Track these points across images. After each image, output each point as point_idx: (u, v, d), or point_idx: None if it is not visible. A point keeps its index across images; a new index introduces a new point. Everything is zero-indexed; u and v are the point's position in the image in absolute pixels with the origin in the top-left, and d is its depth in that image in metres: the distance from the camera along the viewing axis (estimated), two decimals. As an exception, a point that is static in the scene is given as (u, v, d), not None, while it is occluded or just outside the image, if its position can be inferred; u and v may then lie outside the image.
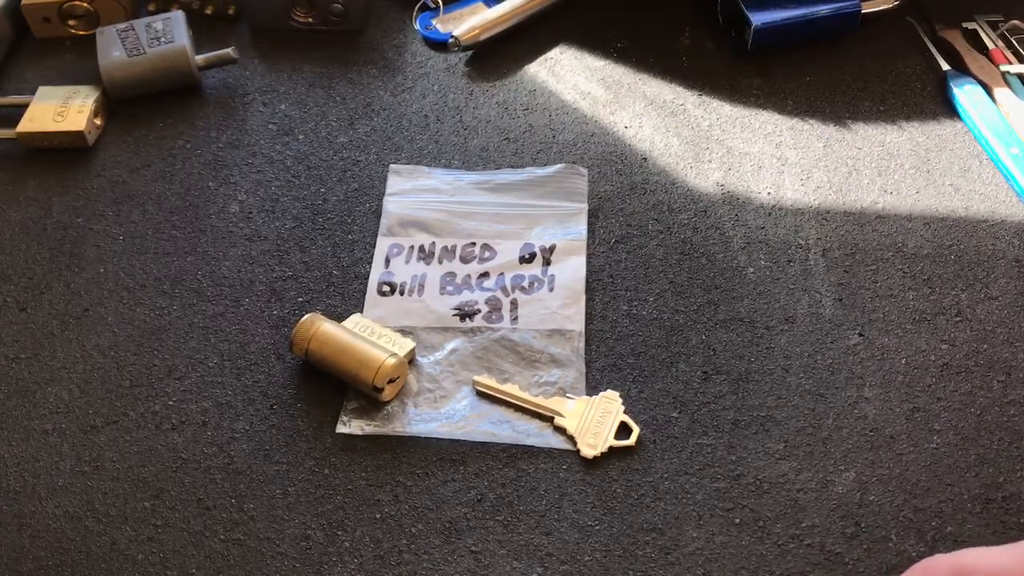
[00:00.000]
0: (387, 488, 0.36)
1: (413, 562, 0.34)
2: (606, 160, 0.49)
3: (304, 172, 0.49)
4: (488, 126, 0.51)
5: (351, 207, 0.47)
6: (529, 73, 0.55)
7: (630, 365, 0.40)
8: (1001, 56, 0.54)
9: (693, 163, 0.49)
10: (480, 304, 0.42)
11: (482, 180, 0.48)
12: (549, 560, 0.34)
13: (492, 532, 0.35)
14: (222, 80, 0.54)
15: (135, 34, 0.52)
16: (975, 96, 0.51)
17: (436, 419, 0.38)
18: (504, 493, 0.36)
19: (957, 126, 0.51)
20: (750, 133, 0.51)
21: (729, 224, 0.46)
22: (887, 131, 0.51)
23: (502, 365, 0.40)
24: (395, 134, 0.51)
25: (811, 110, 0.52)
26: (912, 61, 0.55)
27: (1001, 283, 0.43)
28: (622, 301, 0.43)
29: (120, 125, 0.51)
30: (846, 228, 0.46)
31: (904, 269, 0.44)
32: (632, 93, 0.53)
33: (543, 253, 0.44)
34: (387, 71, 0.55)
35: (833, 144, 0.50)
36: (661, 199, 0.47)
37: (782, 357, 0.40)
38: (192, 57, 0.52)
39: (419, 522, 0.35)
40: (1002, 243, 0.45)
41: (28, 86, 0.52)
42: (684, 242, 0.45)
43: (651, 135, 0.51)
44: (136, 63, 0.51)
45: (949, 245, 0.45)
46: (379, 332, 0.40)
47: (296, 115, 0.52)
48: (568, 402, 0.38)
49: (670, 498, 0.35)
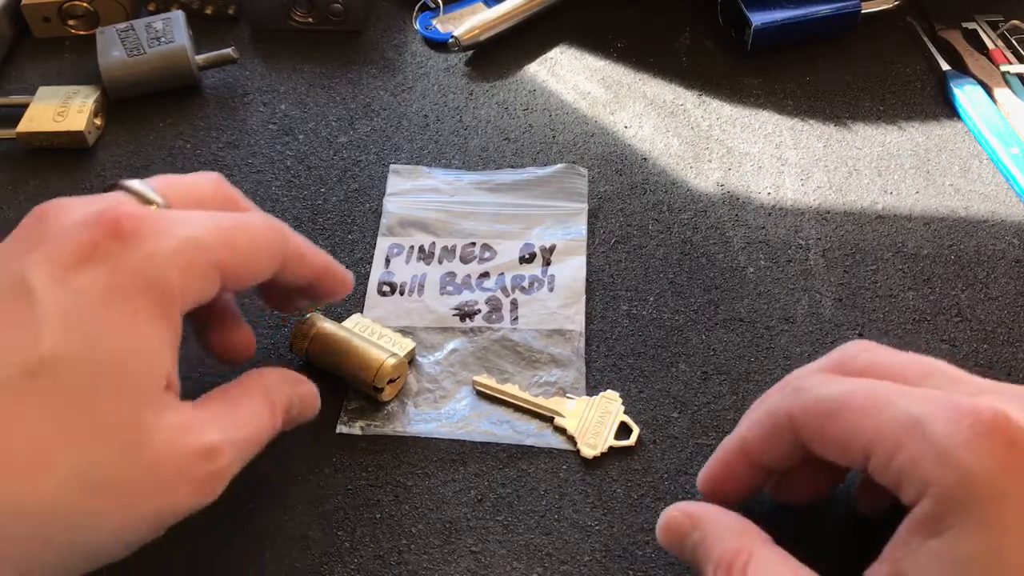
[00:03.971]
0: (387, 488, 0.36)
1: (413, 562, 0.34)
2: (606, 160, 0.49)
3: (304, 172, 0.49)
4: (488, 126, 0.51)
5: (351, 207, 0.47)
6: (529, 73, 0.55)
7: (630, 365, 0.40)
8: (1001, 56, 0.54)
9: (693, 163, 0.49)
10: (480, 304, 0.42)
11: (482, 180, 0.48)
12: (549, 560, 0.34)
13: (492, 532, 0.35)
14: (222, 80, 0.54)
15: (135, 34, 0.52)
16: (975, 96, 0.51)
17: (436, 419, 0.38)
18: (504, 493, 0.36)
19: (957, 126, 0.51)
20: (750, 133, 0.51)
21: (729, 224, 0.46)
22: (887, 131, 0.51)
23: (502, 365, 0.40)
24: (395, 134, 0.51)
25: (811, 110, 0.52)
26: (912, 61, 0.55)
27: (1001, 283, 0.43)
28: (622, 301, 0.43)
29: (120, 125, 0.51)
30: (846, 228, 0.46)
31: (904, 269, 0.44)
32: (632, 93, 0.54)
33: (543, 253, 0.44)
34: (387, 71, 0.55)
35: (833, 144, 0.50)
36: (661, 199, 0.47)
37: (782, 357, 0.40)
38: (192, 57, 0.52)
39: (419, 522, 0.35)
40: (1002, 243, 0.45)
41: (28, 86, 0.52)
42: (684, 242, 0.45)
43: (651, 135, 0.51)
44: (136, 63, 0.51)
45: (949, 245, 0.45)
46: (379, 332, 0.40)
47: (296, 115, 0.52)
48: (568, 402, 0.38)
49: (670, 498, 0.35)
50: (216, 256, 0.29)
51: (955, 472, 0.24)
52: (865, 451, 0.27)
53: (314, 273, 0.35)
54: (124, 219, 0.27)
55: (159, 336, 0.27)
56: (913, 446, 0.25)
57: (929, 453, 0.25)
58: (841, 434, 0.27)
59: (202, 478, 0.28)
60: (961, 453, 0.24)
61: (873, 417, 0.26)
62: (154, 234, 0.28)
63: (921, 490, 0.25)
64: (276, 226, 0.33)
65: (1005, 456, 0.24)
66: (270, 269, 0.32)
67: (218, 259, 0.29)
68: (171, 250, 0.28)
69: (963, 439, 0.24)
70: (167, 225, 0.28)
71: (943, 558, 0.24)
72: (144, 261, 0.27)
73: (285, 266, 0.33)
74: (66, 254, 0.26)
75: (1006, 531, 0.23)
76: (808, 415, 0.28)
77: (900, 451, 0.25)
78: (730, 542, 0.28)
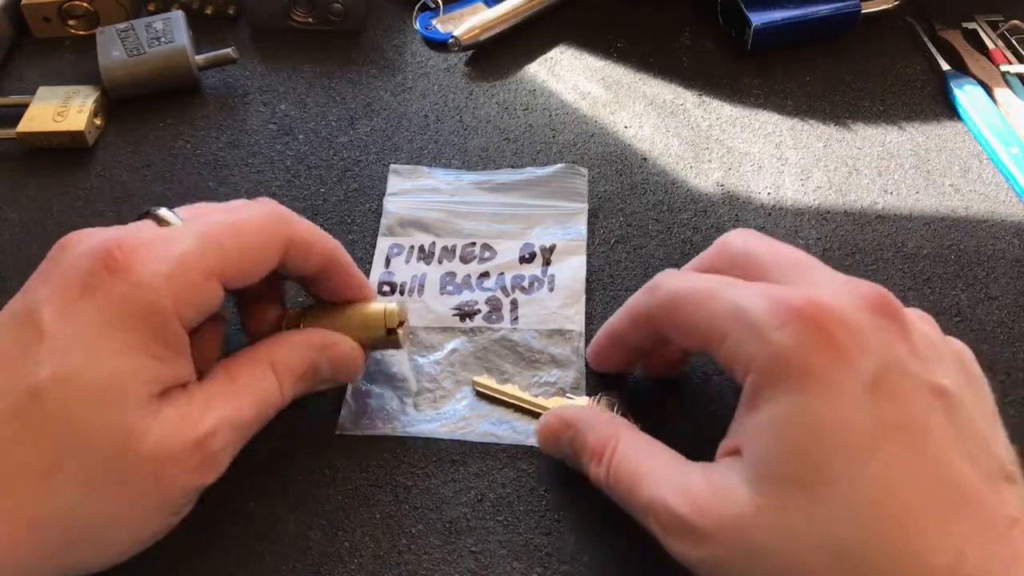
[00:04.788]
0: (387, 488, 0.36)
1: (413, 562, 0.34)
2: (606, 160, 0.49)
3: (304, 172, 0.49)
4: (488, 126, 0.51)
5: (351, 207, 0.47)
6: (529, 73, 0.55)
7: (630, 365, 0.40)
8: (1001, 56, 0.54)
9: (693, 163, 0.49)
10: (480, 304, 0.42)
11: (482, 180, 0.48)
12: (549, 560, 0.34)
13: (492, 532, 0.35)
14: (222, 80, 0.54)
15: (135, 34, 0.52)
16: (975, 96, 0.51)
17: (436, 419, 0.38)
18: (504, 493, 0.36)
19: (957, 126, 0.51)
20: (750, 133, 0.51)
21: (729, 224, 0.46)
22: (887, 131, 0.51)
23: (502, 365, 0.40)
24: (395, 134, 0.51)
25: (811, 110, 0.52)
26: (912, 61, 0.55)
27: (1001, 283, 0.43)
28: (622, 301, 0.42)
29: (120, 125, 0.51)
30: (846, 228, 0.46)
31: (904, 269, 0.44)
32: (632, 93, 0.54)
33: (543, 253, 0.44)
34: (387, 71, 0.55)
35: (833, 144, 0.50)
36: (661, 199, 0.47)
37: (782, 357, 0.40)
38: (192, 57, 0.52)
39: (419, 522, 0.35)
40: (1002, 243, 0.45)
41: (28, 86, 0.52)
42: (684, 242, 0.45)
43: (651, 135, 0.51)
44: (136, 63, 0.51)
45: (949, 245, 0.45)
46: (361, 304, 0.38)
47: (296, 115, 0.52)
48: (569, 403, 0.38)
49: (670, 498, 0.35)
50: (207, 264, 0.31)
51: (770, 349, 0.28)
52: (704, 337, 0.31)
53: (321, 261, 0.35)
54: (116, 251, 0.30)
55: (151, 354, 0.30)
56: (737, 329, 0.29)
57: (749, 335, 0.29)
58: (685, 323, 0.32)
59: (198, 463, 0.30)
60: (775, 334, 0.28)
61: (708, 308, 0.31)
62: (144, 262, 0.30)
63: (746, 368, 0.29)
64: (277, 216, 0.34)
65: (812, 334, 0.27)
66: (270, 260, 0.33)
67: (209, 267, 0.31)
68: (160, 275, 0.30)
69: (777, 322, 0.28)
70: (160, 249, 0.30)
71: (762, 424, 0.28)
72: (133, 290, 0.29)
73: (289, 254, 0.34)
74: (71, 286, 0.29)
75: (812, 395, 0.27)
76: (660, 309, 0.33)
77: (729, 335, 0.29)
78: (600, 431, 0.33)
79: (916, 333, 0.29)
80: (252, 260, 0.33)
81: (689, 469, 0.30)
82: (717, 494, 0.28)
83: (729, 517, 0.27)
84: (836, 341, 0.27)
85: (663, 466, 0.31)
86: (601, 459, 0.32)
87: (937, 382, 0.28)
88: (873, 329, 0.28)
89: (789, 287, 0.30)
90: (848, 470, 0.26)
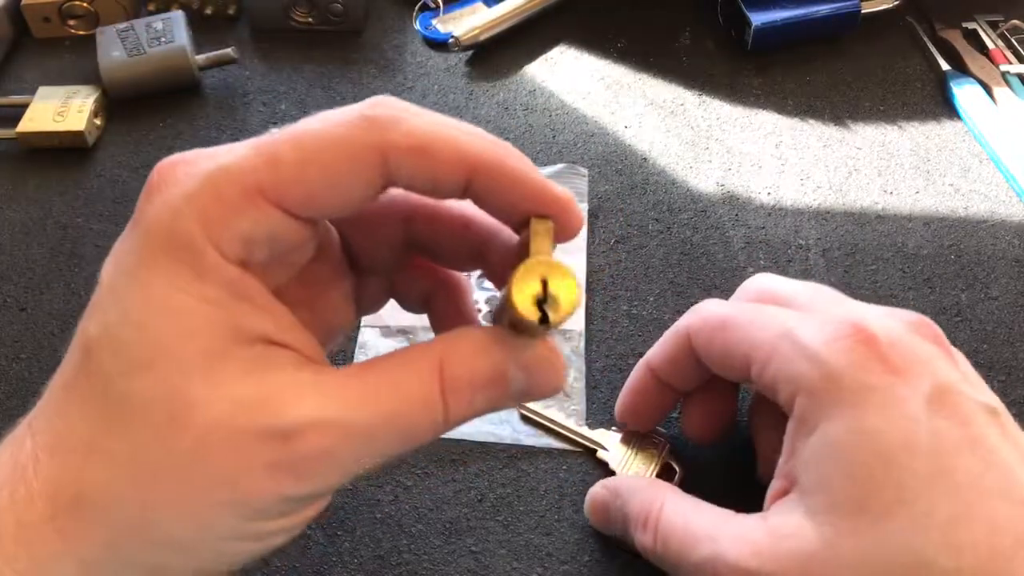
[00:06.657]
0: (387, 488, 0.36)
1: (413, 562, 0.34)
2: (606, 160, 0.49)
3: (304, 172, 0.49)
4: (488, 126, 0.51)
5: (351, 207, 0.47)
6: (529, 73, 0.55)
7: (630, 365, 0.40)
8: (1001, 56, 0.54)
9: (693, 163, 0.49)
10: (481, 304, 0.42)
11: (482, 180, 0.48)
12: (549, 560, 0.34)
13: (492, 532, 0.35)
14: (222, 80, 0.54)
15: (135, 34, 0.52)
16: (975, 96, 0.51)
17: (436, 419, 0.38)
18: (504, 493, 0.36)
19: (957, 126, 0.51)
20: (750, 133, 0.51)
21: (729, 224, 0.46)
22: (887, 131, 0.51)
23: (502, 365, 0.40)
24: (395, 134, 0.51)
25: (811, 110, 0.52)
26: (912, 61, 0.55)
27: (1001, 283, 0.43)
28: (622, 301, 0.43)
29: (120, 125, 0.51)
30: (846, 228, 0.46)
31: (904, 269, 0.44)
32: (632, 93, 0.54)
33: (543, 253, 0.44)
34: (387, 71, 0.55)
35: (833, 144, 0.50)
36: (661, 199, 0.47)
37: (782, 357, 0.40)
38: (192, 57, 0.52)
39: (419, 522, 0.35)
40: (1002, 243, 0.45)
41: (28, 86, 0.52)
42: (684, 242, 0.45)
43: (651, 135, 0.51)
44: (136, 63, 0.51)
45: (949, 245, 0.45)
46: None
47: (296, 115, 0.52)
48: (612, 435, 0.37)
49: (670, 498, 0.35)
50: (248, 180, 0.23)
51: (821, 368, 0.27)
52: (746, 358, 0.30)
53: (455, 175, 0.25)
54: (159, 170, 0.24)
55: (199, 296, 0.23)
56: (785, 350, 0.28)
57: (798, 355, 0.28)
58: (727, 345, 0.31)
59: (275, 462, 0.22)
60: (825, 353, 0.27)
61: (753, 329, 0.30)
62: (177, 179, 0.23)
63: (794, 390, 0.28)
64: (365, 119, 0.24)
65: (866, 353, 0.27)
66: (354, 177, 0.24)
67: (252, 182, 0.23)
68: (184, 194, 0.23)
69: (827, 341, 0.28)
70: (201, 162, 0.23)
71: (817, 449, 0.27)
72: (157, 213, 0.23)
73: (397, 168, 0.24)
74: (129, 221, 0.24)
75: (872, 414, 0.26)
76: (702, 328, 0.32)
77: (775, 356, 0.29)
78: (644, 496, 0.32)
79: (960, 357, 0.29)
80: (320, 177, 0.23)
81: (742, 519, 0.28)
82: (778, 536, 0.27)
83: (796, 557, 0.26)
84: (890, 361, 0.27)
85: (714, 521, 0.29)
86: (647, 524, 0.30)
87: (987, 402, 0.28)
88: (924, 350, 0.28)
89: (835, 312, 0.30)
90: (922, 487, 0.25)
